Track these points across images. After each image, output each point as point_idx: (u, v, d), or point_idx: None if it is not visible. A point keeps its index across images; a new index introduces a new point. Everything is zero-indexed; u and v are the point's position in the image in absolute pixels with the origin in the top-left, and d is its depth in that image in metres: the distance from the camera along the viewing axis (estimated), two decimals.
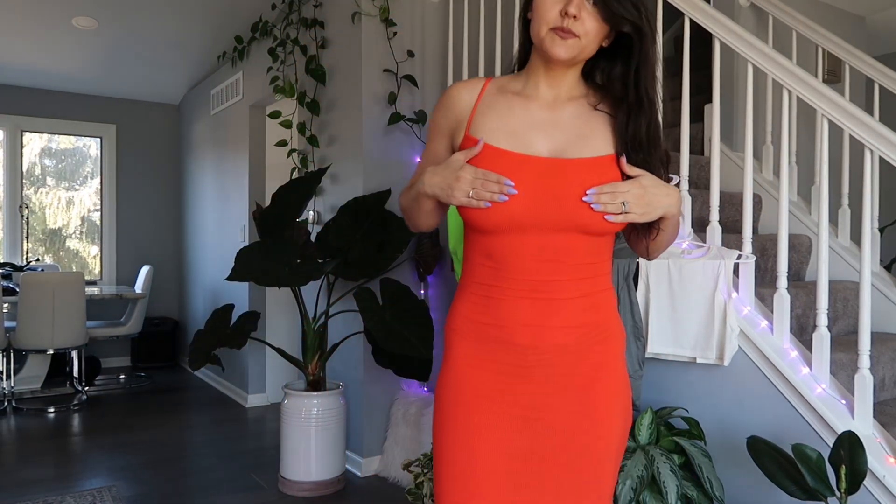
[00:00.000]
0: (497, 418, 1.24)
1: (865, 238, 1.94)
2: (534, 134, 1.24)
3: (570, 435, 1.23)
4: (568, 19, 1.16)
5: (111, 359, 6.33)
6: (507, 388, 1.24)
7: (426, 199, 1.26)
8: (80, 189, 6.40)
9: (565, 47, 1.18)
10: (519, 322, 1.23)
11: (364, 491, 3.23)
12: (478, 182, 1.17)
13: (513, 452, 1.23)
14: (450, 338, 1.31)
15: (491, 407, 1.24)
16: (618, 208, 1.16)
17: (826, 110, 2.04)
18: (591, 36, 1.19)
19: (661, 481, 1.93)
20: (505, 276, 1.23)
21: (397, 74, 3.45)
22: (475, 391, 1.25)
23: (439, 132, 1.33)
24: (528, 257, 1.21)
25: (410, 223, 1.39)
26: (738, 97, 3.38)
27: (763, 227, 3.13)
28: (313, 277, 2.99)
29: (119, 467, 3.52)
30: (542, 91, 1.27)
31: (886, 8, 4.11)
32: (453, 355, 1.29)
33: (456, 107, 1.30)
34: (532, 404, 1.23)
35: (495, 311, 1.25)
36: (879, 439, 1.89)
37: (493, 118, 1.26)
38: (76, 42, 4.90)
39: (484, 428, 1.24)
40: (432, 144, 1.35)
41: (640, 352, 2.34)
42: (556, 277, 1.22)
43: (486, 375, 1.25)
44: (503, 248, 1.23)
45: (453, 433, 1.26)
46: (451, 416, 1.26)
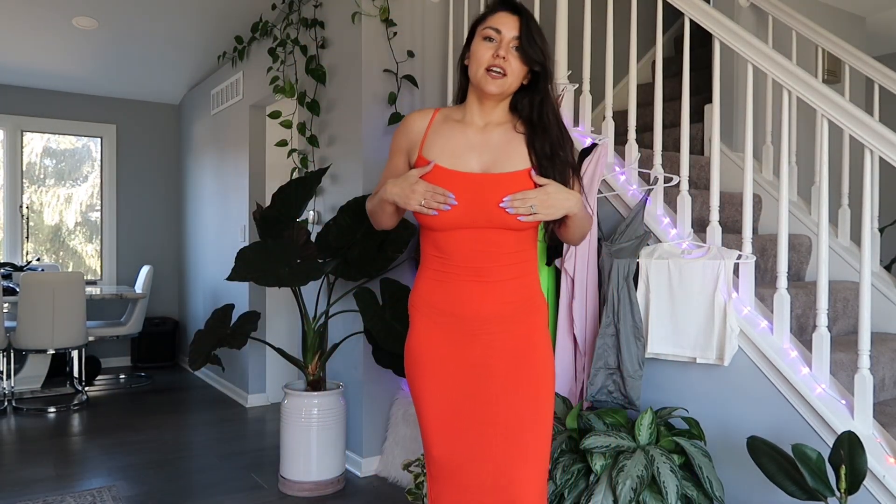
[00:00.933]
0: (452, 373, 1.65)
1: (865, 238, 1.94)
2: (469, 154, 1.63)
3: (512, 383, 1.62)
4: (499, 59, 1.56)
5: (111, 359, 6.33)
6: (457, 350, 1.64)
7: (387, 205, 1.65)
8: (81, 189, 6.40)
9: (496, 84, 1.58)
10: (464, 299, 1.63)
11: (364, 491, 3.23)
12: (428, 194, 1.56)
13: (466, 397, 1.64)
14: (412, 314, 1.72)
15: (446, 365, 1.65)
16: (527, 211, 1.54)
17: (826, 110, 2.04)
18: (515, 74, 1.59)
19: (661, 481, 1.93)
20: (451, 263, 1.63)
21: (397, 74, 3.45)
22: (434, 353, 1.66)
23: (399, 151, 1.72)
24: (467, 249, 1.61)
25: (375, 223, 1.77)
26: (738, 97, 3.38)
27: (763, 227, 3.13)
28: (313, 277, 2.99)
29: (119, 467, 3.52)
30: (476, 119, 1.67)
31: (886, 8, 4.11)
32: (416, 327, 1.70)
33: (412, 132, 1.70)
34: (478, 362, 1.63)
35: (446, 291, 1.65)
36: (879, 439, 1.89)
37: (440, 142, 1.65)
38: (76, 42, 4.90)
39: (443, 380, 1.65)
40: (392, 161, 1.73)
41: (640, 352, 2.34)
42: (490, 264, 1.61)
43: (441, 340, 1.66)
44: (448, 242, 1.62)
45: (422, 384, 1.67)
46: (419, 373, 1.68)
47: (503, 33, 1.57)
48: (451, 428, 1.64)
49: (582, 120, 2.72)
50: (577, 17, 2.87)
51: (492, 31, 1.58)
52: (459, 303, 1.63)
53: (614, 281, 2.38)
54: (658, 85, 2.55)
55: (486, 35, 1.59)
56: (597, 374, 2.39)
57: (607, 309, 2.39)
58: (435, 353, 1.66)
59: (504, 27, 1.57)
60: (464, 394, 1.63)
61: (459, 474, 1.63)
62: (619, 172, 2.59)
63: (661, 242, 2.40)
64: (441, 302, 1.65)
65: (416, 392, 1.69)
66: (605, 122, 2.67)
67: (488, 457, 1.61)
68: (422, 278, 1.70)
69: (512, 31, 1.57)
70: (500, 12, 1.60)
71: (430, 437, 1.66)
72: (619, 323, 2.36)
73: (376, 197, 1.69)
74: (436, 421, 1.65)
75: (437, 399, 1.65)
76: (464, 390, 1.63)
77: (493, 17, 1.60)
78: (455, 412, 1.64)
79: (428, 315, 1.67)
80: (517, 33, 1.57)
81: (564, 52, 2.77)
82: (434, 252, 1.66)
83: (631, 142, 2.61)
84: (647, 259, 2.36)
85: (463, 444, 1.63)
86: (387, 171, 1.74)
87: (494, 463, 1.60)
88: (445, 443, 1.64)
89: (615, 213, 2.58)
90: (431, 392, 1.66)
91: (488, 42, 1.59)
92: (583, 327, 2.51)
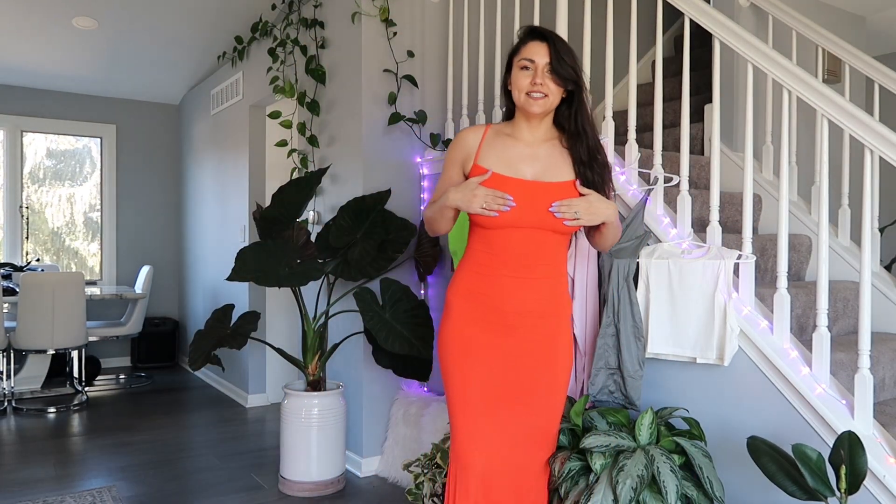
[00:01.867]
0: (489, 357, 1.86)
1: (865, 238, 1.94)
2: (522, 164, 1.86)
3: (539, 371, 1.88)
4: (536, 85, 1.80)
5: (111, 359, 6.33)
6: (496, 338, 1.86)
7: (448, 210, 1.85)
8: (81, 189, 6.40)
9: (538, 105, 1.83)
10: (506, 292, 1.85)
11: (364, 491, 3.23)
12: (489, 198, 1.77)
13: (499, 382, 1.86)
14: (452, 302, 1.91)
15: (484, 350, 1.86)
16: (572, 216, 1.78)
17: (826, 110, 2.04)
18: (554, 93, 1.83)
19: (661, 481, 1.93)
20: (498, 259, 1.85)
21: (397, 74, 3.45)
22: (470, 341, 1.87)
23: (454, 163, 1.94)
24: (515, 247, 1.83)
25: (432, 229, 1.96)
26: (738, 97, 3.38)
27: (763, 227, 3.13)
28: (313, 277, 2.99)
29: (119, 467, 3.52)
30: (525, 135, 1.90)
31: (886, 8, 4.11)
32: (455, 315, 1.90)
33: (466, 145, 1.92)
34: (510, 354, 1.87)
35: (489, 284, 1.86)
36: (879, 439, 1.89)
37: (494, 153, 1.87)
38: (76, 42, 4.90)
39: (479, 367, 1.86)
40: (448, 172, 1.96)
41: (640, 352, 2.34)
42: (533, 262, 1.84)
43: (478, 330, 1.87)
44: (500, 239, 1.84)
45: (461, 365, 1.87)
46: (458, 356, 1.87)
47: (536, 61, 1.81)
48: (480, 409, 1.86)
49: None
50: (577, 17, 2.87)
51: (526, 62, 1.82)
52: (501, 296, 1.85)
53: (614, 281, 2.38)
54: (658, 85, 2.55)
55: (522, 65, 1.83)
56: (597, 374, 2.39)
57: (607, 309, 2.39)
58: (475, 339, 1.87)
59: (536, 56, 1.81)
60: (499, 377, 1.86)
61: (486, 445, 1.86)
62: (619, 172, 2.59)
63: (661, 242, 2.40)
64: (484, 294, 1.86)
65: (449, 376, 1.89)
66: (605, 122, 2.67)
67: (512, 431, 1.87)
68: (465, 271, 1.92)
69: (543, 57, 1.81)
70: (530, 42, 1.84)
71: (458, 418, 1.87)
72: (619, 323, 2.36)
73: (436, 204, 1.90)
74: (467, 404, 1.86)
75: (469, 385, 1.86)
76: (496, 378, 1.86)
77: (525, 48, 1.84)
78: (485, 397, 1.86)
79: (468, 304, 1.88)
80: (548, 59, 1.80)
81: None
82: (482, 248, 1.87)
83: (631, 142, 2.61)
84: (647, 259, 2.36)
85: (492, 419, 1.86)
86: (443, 183, 1.96)
87: (517, 438, 1.87)
88: (473, 423, 1.86)
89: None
90: (465, 379, 1.87)
91: (525, 71, 1.82)
92: (583, 327, 2.51)
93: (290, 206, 3.20)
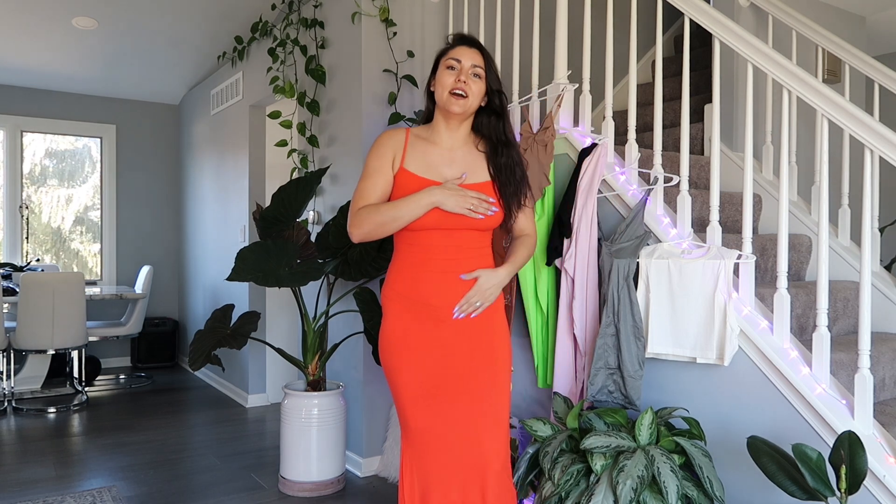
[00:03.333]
0: (425, 353, 1.93)
1: (865, 238, 1.94)
2: (442, 167, 1.95)
3: (476, 358, 1.93)
4: (460, 83, 1.89)
5: (111, 359, 6.33)
6: (428, 333, 1.93)
7: (422, 209, 1.86)
8: (81, 189, 6.40)
9: (459, 105, 1.90)
10: (435, 290, 1.91)
11: (364, 491, 3.23)
12: (475, 201, 1.86)
13: (438, 372, 1.92)
14: (386, 304, 1.99)
15: (420, 347, 1.93)
16: (473, 307, 1.91)
17: (826, 110, 2.04)
18: (475, 95, 1.92)
19: (662, 481, 1.93)
20: (425, 259, 1.91)
21: (397, 74, 3.45)
22: (409, 337, 1.94)
23: (385, 160, 1.95)
24: (441, 246, 1.91)
25: (376, 233, 1.91)
26: (738, 97, 3.38)
27: (763, 227, 3.13)
28: (313, 277, 2.99)
29: (119, 467, 3.52)
30: (444, 138, 1.98)
31: (886, 8, 4.11)
32: (390, 315, 1.97)
33: (394, 145, 1.96)
34: (446, 343, 1.92)
35: (418, 283, 1.92)
36: (879, 439, 1.89)
37: (416, 156, 1.95)
38: (76, 42, 4.90)
39: (418, 360, 1.93)
40: (381, 170, 1.94)
41: (640, 352, 2.34)
42: (458, 258, 1.92)
43: (414, 326, 1.93)
44: (424, 240, 1.91)
45: (399, 364, 1.94)
46: (396, 355, 1.94)
47: (463, 62, 1.91)
48: (427, 400, 1.91)
49: (582, 120, 2.72)
50: (577, 17, 2.87)
51: (453, 62, 1.92)
52: (430, 293, 1.91)
53: (614, 281, 2.38)
54: (658, 85, 2.55)
55: (448, 65, 1.93)
56: (597, 373, 2.39)
57: (607, 309, 2.39)
58: (409, 337, 1.93)
59: (464, 57, 1.92)
60: (436, 370, 1.92)
61: (437, 440, 1.91)
62: (619, 172, 2.59)
63: (661, 242, 2.40)
64: (414, 292, 1.93)
65: (393, 373, 1.95)
66: (605, 122, 2.67)
67: (459, 420, 1.91)
68: (395, 274, 1.98)
69: (470, 59, 1.92)
70: (459, 46, 1.95)
71: (408, 411, 1.93)
72: (619, 323, 2.36)
73: (398, 204, 1.88)
74: (414, 396, 1.92)
75: (413, 376, 1.92)
76: (436, 367, 1.92)
77: (453, 51, 1.94)
78: (430, 387, 1.92)
79: (401, 304, 1.95)
80: (475, 62, 1.92)
81: (564, 52, 2.77)
82: (409, 249, 1.94)
83: (631, 142, 2.61)
84: (647, 259, 2.36)
85: (437, 413, 1.91)
86: (375, 180, 1.95)
87: (464, 425, 1.91)
88: (423, 415, 1.91)
89: (615, 213, 2.58)
90: (408, 371, 1.93)
91: (451, 70, 1.92)
92: (583, 327, 2.51)
93: (290, 206, 3.20)
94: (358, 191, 1.95)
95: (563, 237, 2.56)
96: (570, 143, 2.71)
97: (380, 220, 1.89)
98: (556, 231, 2.59)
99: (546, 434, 2.26)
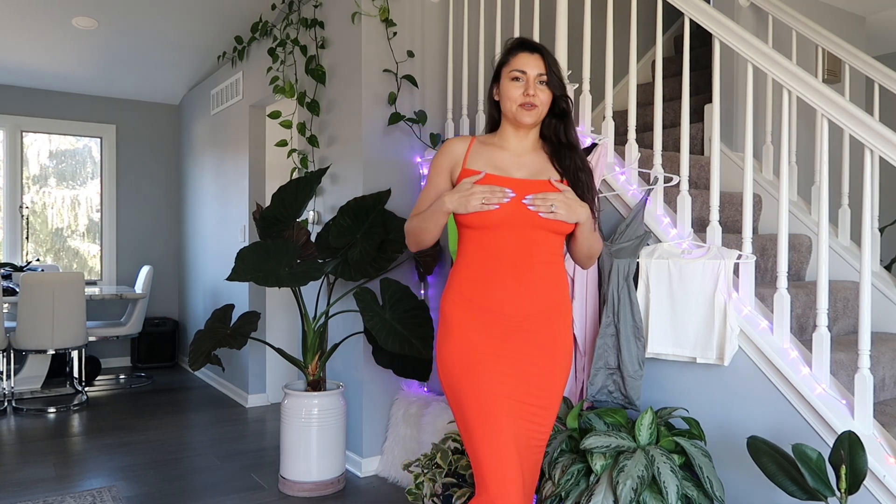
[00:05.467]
0: (494, 366, 1.77)
1: (865, 238, 1.94)
2: (510, 168, 1.87)
3: (542, 374, 1.81)
4: (529, 96, 1.81)
5: (111, 359, 6.33)
6: (497, 344, 1.78)
7: (442, 216, 1.81)
8: (81, 189, 6.40)
9: (530, 116, 1.83)
10: (505, 296, 1.78)
11: (364, 491, 3.23)
12: (486, 193, 1.74)
13: (508, 385, 1.77)
14: (450, 311, 1.83)
15: (488, 362, 1.77)
16: (547, 208, 1.75)
17: (826, 110, 2.04)
18: (545, 104, 1.84)
19: (662, 481, 1.93)
20: (493, 261, 1.79)
21: (397, 74, 3.45)
22: (474, 349, 1.78)
23: (442, 170, 1.91)
24: (510, 247, 1.78)
25: (417, 242, 1.90)
26: (738, 97, 3.38)
27: (763, 227, 3.13)
28: (313, 277, 2.98)
29: (119, 467, 3.52)
30: (513, 144, 1.90)
31: (886, 8, 4.11)
32: (454, 327, 1.81)
33: (454, 153, 1.90)
34: (515, 356, 1.78)
35: (487, 289, 1.79)
36: (879, 439, 1.89)
37: (482, 159, 1.87)
38: (76, 42, 4.90)
39: (488, 374, 1.77)
40: (435, 180, 1.91)
41: (640, 352, 2.34)
42: (529, 262, 1.79)
43: (481, 337, 1.79)
44: (493, 241, 1.79)
45: (470, 380, 1.77)
46: (465, 370, 1.78)
47: (528, 73, 1.82)
48: (501, 418, 1.75)
49: (582, 120, 2.72)
50: (577, 17, 2.87)
51: (518, 73, 1.83)
52: (501, 299, 1.78)
53: (614, 281, 2.38)
54: (658, 85, 2.55)
55: (513, 76, 1.83)
56: (597, 373, 2.39)
57: (607, 309, 2.39)
58: (475, 348, 1.79)
59: (528, 67, 1.83)
60: (507, 380, 1.78)
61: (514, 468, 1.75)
62: (619, 172, 2.59)
63: (661, 242, 2.40)
64: (483, 299, 1.80)
65: (461, 386, 1.78)
66: (605, 122, 2.67)
67: (521, 431, 1.78)
68: (460, 277, 1.84)
69: (535, 69, 1.82)
70: (520, 54, 1.85)
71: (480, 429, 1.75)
72: (619, 323, 2.36)
73: (426, 212, 1.85)
74: (484, 411, 1.75)
75: (485, 388, 1.76)
76: (505, 380, 1.78)
77: (515, 60, 1.84)
78: (498, 399, 1.76)
79: (469, 313, 1.80)
80: (540, 71, 1.82)
81: (564, 52, 2.77)
82: (476, 252, 1.82)
83: (631, 142, 2.61)
84: (647, 259, 2.36)
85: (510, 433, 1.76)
86: (427, 192, 1.91)
87: (521, 439, 1.78)
88: (497, 434, 1.76)
89: (615, 213, 2.58)
90: (479, 384, 1.76)
91: (516, 82, 1.83)
92: (583, 327, 2.51)
93: (290, 206, 3.20)
94: (418, 201, 1.94)
95: None
96: None
97: (412, 230, 1.89)
98: None
99: None
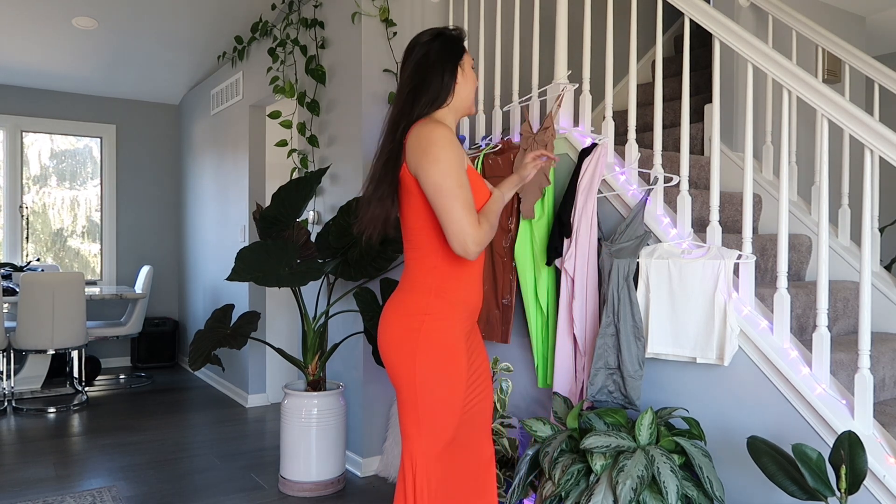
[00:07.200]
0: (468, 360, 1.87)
1: (865, 238, 1.94)
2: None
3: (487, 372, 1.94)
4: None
5: (111, 359, 6.33)
6: (467, 338, 1.86)
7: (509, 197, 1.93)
8: (81, 189, 6.40)
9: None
10: (478, 291, 1.86)
11: (364, 491, 3.23)
12: (538, 159, 1.95)
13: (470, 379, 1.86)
14: (447, 311, 1.79)
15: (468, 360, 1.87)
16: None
17: (826, 110, 2.04)
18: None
19: (662, 481, 1.93)
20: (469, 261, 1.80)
21: (397, 74, 3.45)
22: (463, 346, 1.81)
23: (465, 162, 1.77)
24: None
25: (490, 236, 1.74)
26: (738, 97, 3.38)
27: (763, 227, 3.13)
28: (313, 277, 2.99)
29: (119, 467, 3.52)
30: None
31: (886, 8, 4.11)
32: (453, 324, 1.79)
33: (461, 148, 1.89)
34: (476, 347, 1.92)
35: (474, 290, 1.84)
36: (879, 439, 1.89)
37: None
38: (76, 42, 4.90)
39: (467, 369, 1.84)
40: (463, 172, 1.71)
41: (640, 352, 2.34)
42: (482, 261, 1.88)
43: (464, 334, 1.81)
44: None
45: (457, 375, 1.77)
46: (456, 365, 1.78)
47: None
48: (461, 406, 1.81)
49: (582, 120, 2.72)
50: (577, 17, 2.87)
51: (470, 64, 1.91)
52: (478, 295, 1.84)
53: (614, 281, 2.38)
54: (658, 85, 2.55)
55: (472, 65, 1.91)
56: (597, 373, 2.39)
57: (607, 309, 2.39)
58: (464, 346, 1.81)
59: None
60: (470, 377, 1.86)
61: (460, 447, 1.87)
62: (619, 172, 2.59)
63: (661, 242, 2.40)
64: (473, 299, 1.83)
65: (447, 383, 1.76)
66: (605, 122, 2.67)
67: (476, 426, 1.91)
68: (454, 276, 1.79)
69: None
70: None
71: (450, 421, 1.78)
72: (619, 323, 2.36)
73: (495, 207, 1.80)
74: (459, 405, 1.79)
75: (462, 387, 1.79)
76: (469, 374, 1.85)
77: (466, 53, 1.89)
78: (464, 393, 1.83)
79: (463, 313, 1.81)
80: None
81: (564, 52, 2.77)
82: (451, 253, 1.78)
83: (631, 142, 2.61)
84: (647, 259, 2.36)
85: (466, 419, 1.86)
86: (466, 185, 1.71)
87: (479, 431, 1.91)
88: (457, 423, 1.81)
89: (615, 213, 2.58)
90: (461, 382, 1.78)
91: (473, 72, 1.90)
92: (583, 327, 2.51)
93: (290, 206, 3.20)
94: (465, 203, 1.68)
95: (563, 237, 2.56)
96: (570, 143, 2.71)
97: (492, 228, 1.77)
98: (556, 231, 2.59)
99: (546, 434, 2.26)
